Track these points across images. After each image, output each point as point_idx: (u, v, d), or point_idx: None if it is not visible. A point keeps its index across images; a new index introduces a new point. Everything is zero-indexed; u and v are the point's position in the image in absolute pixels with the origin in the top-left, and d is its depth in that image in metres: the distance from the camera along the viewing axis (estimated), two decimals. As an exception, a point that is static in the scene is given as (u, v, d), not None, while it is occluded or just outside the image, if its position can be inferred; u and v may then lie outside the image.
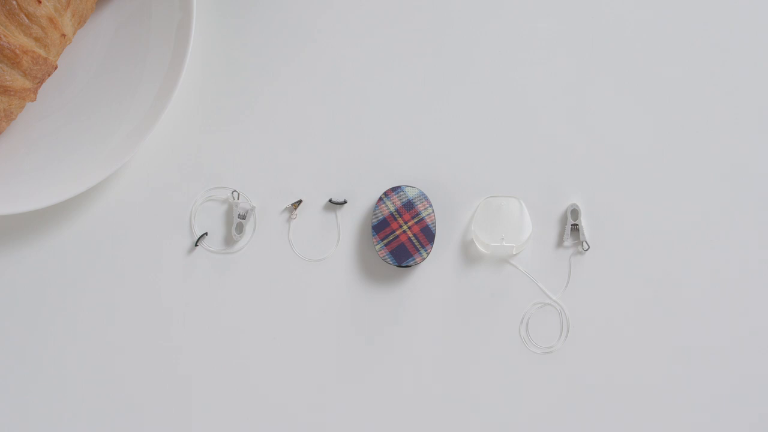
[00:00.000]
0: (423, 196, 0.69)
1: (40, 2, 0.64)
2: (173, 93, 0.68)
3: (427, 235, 0.68)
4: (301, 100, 0.71)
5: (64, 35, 0.66)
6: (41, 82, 0.67)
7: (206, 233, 0.70)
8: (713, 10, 0.71)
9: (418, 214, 0.68)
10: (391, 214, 0.68)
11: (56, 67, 0.67)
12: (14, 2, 0.63)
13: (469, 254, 0.70)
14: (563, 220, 0.70)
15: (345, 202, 0.70)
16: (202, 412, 0.69)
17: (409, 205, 0.69)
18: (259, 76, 0.71)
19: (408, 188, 0.69)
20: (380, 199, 0.69)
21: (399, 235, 0.68)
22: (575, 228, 0.69)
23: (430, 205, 0.69)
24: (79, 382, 0.69)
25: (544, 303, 0.69)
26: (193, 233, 0.70)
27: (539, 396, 0.68)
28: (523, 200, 0.70)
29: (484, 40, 0.71)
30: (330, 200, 0.70)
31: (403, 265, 0.68)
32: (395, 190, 0.69)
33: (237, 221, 0.70)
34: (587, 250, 0.69)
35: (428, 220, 0.68)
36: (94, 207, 0.70)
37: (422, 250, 0.68)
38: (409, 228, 0.68)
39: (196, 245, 0.70)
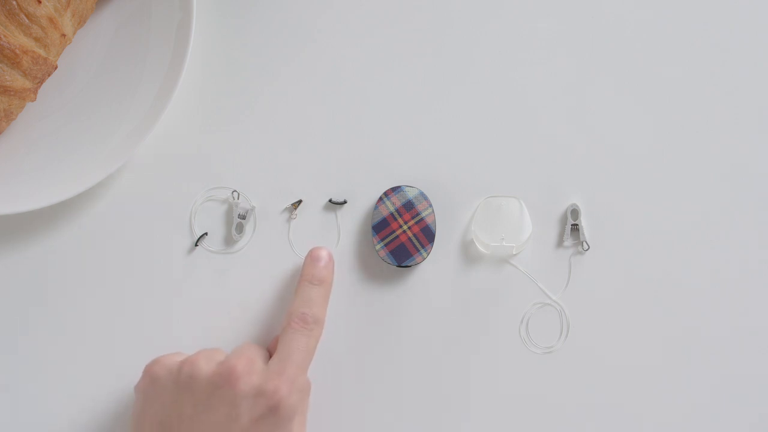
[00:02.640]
0: (423, 196, 0.69)
1: (40, 2, 0.64)
2: (173, 93, 0.68)
3: (427, 235, 0.68)
4: (301, 100, 0.71)
5: (64, 35, 0.66)
6: (41, 82, 0.67)
7: (206, 233, 0.70)
8: (713, 10, 0.71)
9: (418, 214, 0.68)
10: (391, 214, 0.68)
11: (56, 67, 0.67)
12: (14, 2, 0.63)
13: (469, 254, 0.70)
14: (563, 220, 0.70)
15: (345, 202, 0.70)
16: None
17: (409, 205, 0.69)
18: (259, 76, 0.71)
19: (408, 188, 0.69)
20: (380, 199, 0.69)
21: (399, 235, 0.68)
22: (575, 228, 0.69)
23: (430, 205, 0.69)
24: (79, 382, 0.69)
25: (544, 303, 0.69)
26: (193, 233, 0.70)
27: (539, 396, 0.68)
28: (523, 200, 0.70)
29: (484, 40, 0.71)
30: (330, 200, 0.70)
31: (403, 265, 0.68)
32: (395, 190, 0.69)
33: (237, 221, 0.70)
34: (587, 250, 0.69)
35: (428, 220, 0.68)
36: (94, 207, 0.70)
37: (422, 250, 0.68)
38: (409, 228, 0.68)
39: (196, 245, 0.70)
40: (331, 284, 0.67)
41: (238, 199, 0.70)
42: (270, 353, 0.65)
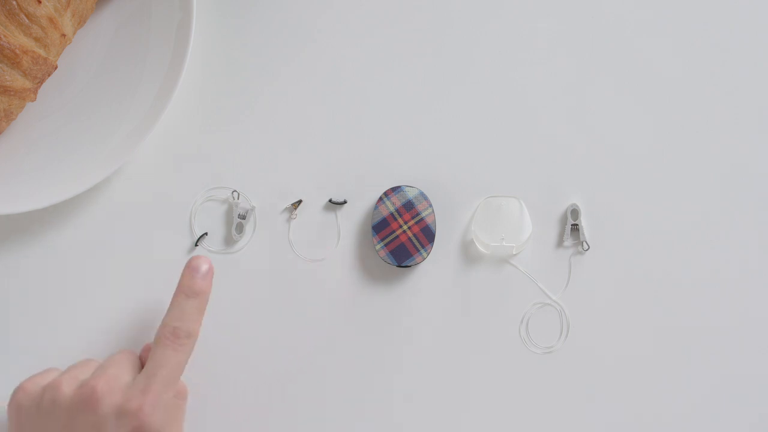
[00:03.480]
0: (423, 196, 0.69)
1: (40, 2, 0.64)
2: (173, 93, 0.68)
3: (427, 235, 0.68)
4: (301, 100, 0.71)
5: (64, 35, 0.66)
6: (41, 82, 0.67)
7: (206, 233, 0.70)
8: (713, 10, 0.71)
9: (418, 214, 0.68)
10: (391, 214, 0.68)
11: (56, 67, 0.67)
12: (14, 2, 0.63)
13: (469, 254, 0.70)
14: (563, 220, 0.70)
15: (345, 202, 0.70)
16: (200, 411, 0.69)
17: (409, 205, 0.69)
18: (259, 76, 0.71)
19: (408, 188, 0.69)
20: (380, 199, 0.69)
21: (399, 235, 0.68)
22: (575, 228, 0.69)
23: (430, 205, 0.69)
24: (79, 382, 0.69)
25: (544, 303, 0.69)
26: (193, 233, 0.70)
27: (539, 396, 0.68)
28: (523, 200, 0.70)
29: (484, 40, 0.71)
30: (330, 200, 0.70)
31: (403, 265, 0.68)
32: (395, 190, 0.69)
33: (237, 221, 0.70)
34: (587, 250, 0.69)
35: (428, 220, 0.68)
36: (94, 207, 0.70)
37: (422, 250, 0.68)
38: (409, 228, 0.68)
39: (196, 245, 0.70)
40: (208, 296, 0.64)
41: (238, 199, 0.70)
42: (142, 362, 0.64)
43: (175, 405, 0.63)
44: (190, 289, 0.63)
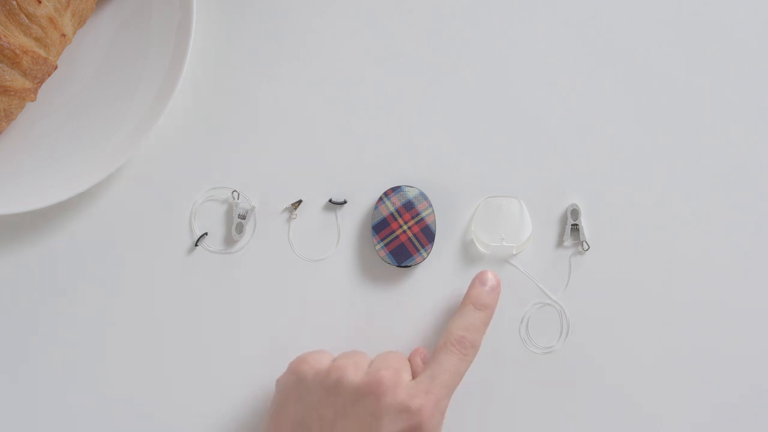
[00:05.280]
0: (423, 196, 0.69)
1: (40, 2, 0.64)
2: (173, 93, 0.68)
3: (427, 235, 0.68)
4: (301, 100, 0.71)
5: (64, 35, 0.66)
6: (41, 82, 0.67)
7: (206, 233, 0.70)
8: (713, 10, 0.71)
9: (418, 214, 0.68)
10: (391, 214, 0.68)
11: (56, 67, 0.67)
12: (14, 2, 0.63)
13: (469, 254, 0.70)
14: (563, 220, 0.70)
15: (345, 202, 0.70)
16: (201, 412, 0.69)
17: (409, 205, 0.69)
18: (259, 76, 0.71)
19: (408, 188, 0.69)
20: (380, 199, 0.69)
21: (399, 235, 0.68)
22: (575, 228, 0.69)
23: (430, 205, 0.69)
24: (79, 382, 0.69)
25: (544, 303, 0.69)
26: (193, 233, 0.70)
27: (539, 396, 0.68)
28: (523, 200, 0.70)
29: (483, 40, 0.71)
30: (330, 200, 0.70)
31: (403, 265, 0.68)
32: (395, 190, 0.69)
33: (237, 221, 0.70)
34: (587, 250, 0.69)
35: (428, 220, 0.68)
36: (95, 207, 0.70)
37: (422, 250, 0.68)
38: (409, 228, 0.68)
39: (196, 245, 0.70)
40: (494, 311, 0.66)
41: (238, 199, 0.70)
42: (411, 365, 0.65)
43: (445, 412, 0.63)
44: (478, 301, 0.65)
